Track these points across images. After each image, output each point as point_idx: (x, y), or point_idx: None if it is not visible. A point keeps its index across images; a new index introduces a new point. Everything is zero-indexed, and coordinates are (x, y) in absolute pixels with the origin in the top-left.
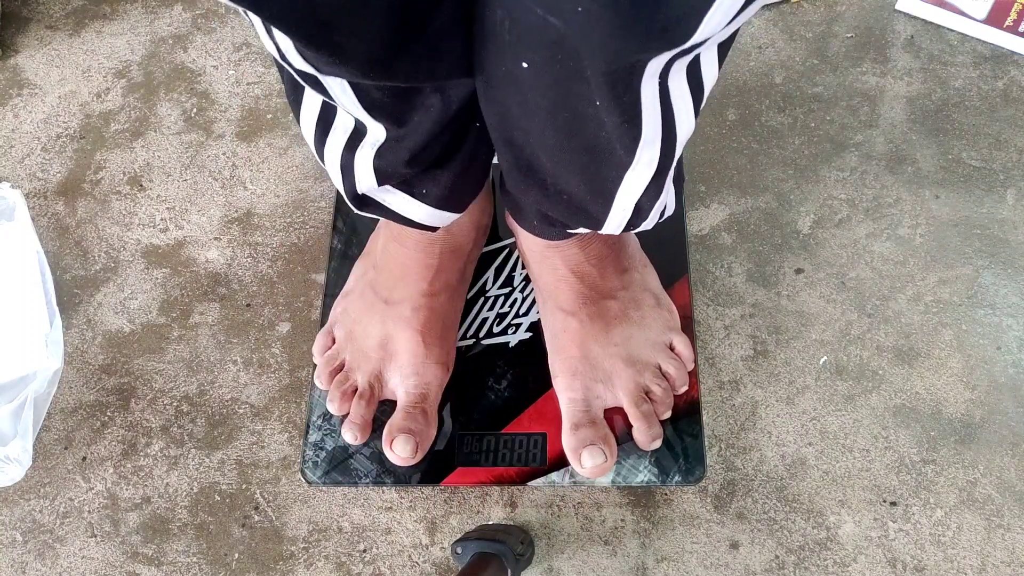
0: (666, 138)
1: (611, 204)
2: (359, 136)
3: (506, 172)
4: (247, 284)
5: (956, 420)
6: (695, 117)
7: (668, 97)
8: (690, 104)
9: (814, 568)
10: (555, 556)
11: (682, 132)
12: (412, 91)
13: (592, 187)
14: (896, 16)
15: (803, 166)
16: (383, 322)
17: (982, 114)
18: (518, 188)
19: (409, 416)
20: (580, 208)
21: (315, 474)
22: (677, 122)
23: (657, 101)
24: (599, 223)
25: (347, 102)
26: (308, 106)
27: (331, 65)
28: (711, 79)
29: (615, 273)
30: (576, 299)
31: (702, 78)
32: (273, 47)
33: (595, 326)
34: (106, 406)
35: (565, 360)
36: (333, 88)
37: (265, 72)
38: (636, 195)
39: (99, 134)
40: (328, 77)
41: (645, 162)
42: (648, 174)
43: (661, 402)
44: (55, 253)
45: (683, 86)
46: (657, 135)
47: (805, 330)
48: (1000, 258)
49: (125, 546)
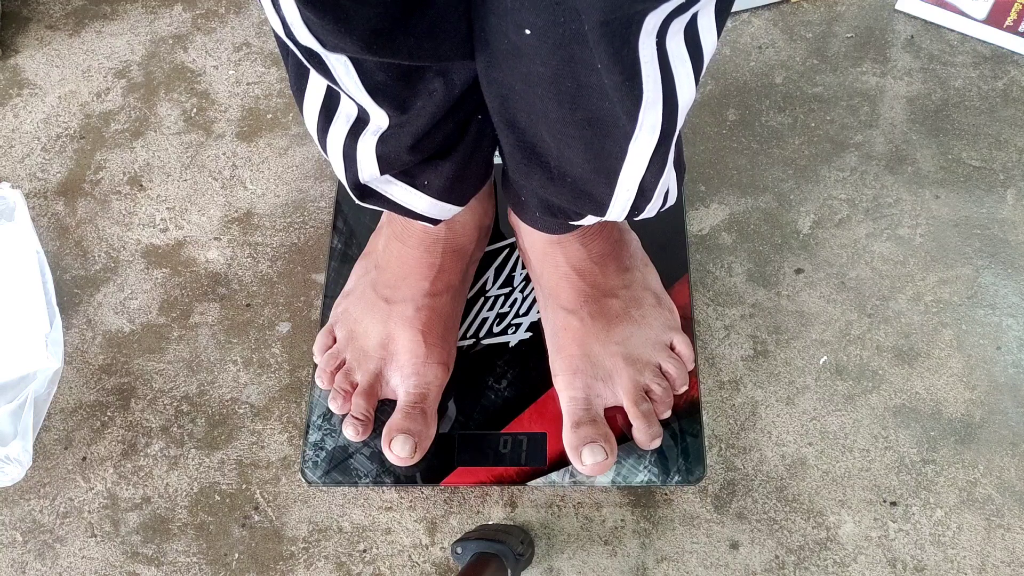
0: (667, 102)
1: (615, 183)
2: (362, 124)
3: (508, 157)
4: (247, 284)
5: (956, 420)
6: (695, 84)
7: (667, 58)
8: (690, 69)
9: (814, 568)
10: (555, 556)
11: (683, 97)
12: (415, 74)
13: (596, 164)
14: (896, 16)
15: (803, 166)
16: (384, 322)
17: (982, 114)
18: (520, 173)
19: (408, 416)
20: (583, 192)
21: (315, 474)
22: (677, 86)
23: (656, 61)
24: (603, 207)
25: (350, 85)
26: (312, 94)
27: (336, 35)
28: (710, 46)
29: (616, 271)
30: (577, 297)
31: (701, 43)
32: (279, 21)
33: (596, 324)
34: (106, 406)
35: (566, 358)
36: (337, 69)
37: (265, 72)
38: (640, 171)
39: (99, 134)
40: (332, 54)
41: (648, 128)
42: (651, 142)
43: (661, 401)
44: (55, 253)
45: (681, 49)
46: (658, 97)
47: (805, 330)
48: (1000, 258)
49: (125, 546)
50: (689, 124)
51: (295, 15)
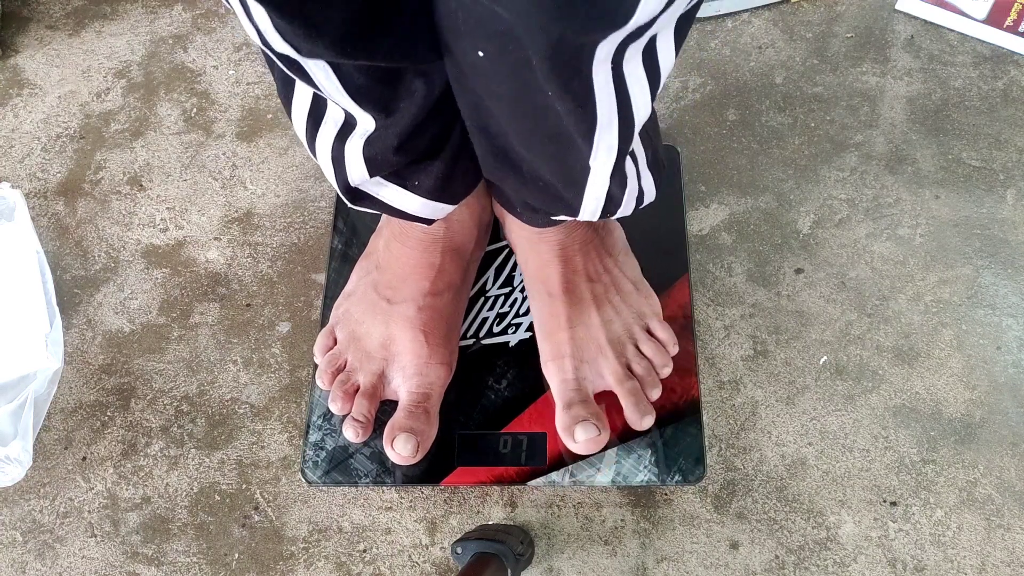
0: (623, 122)
1: (583, 192)
2: (349, 128)
3: (482, 161)
4: (247, 284)
5: (956, 420)
6: (652, 101)
7: (623, 82)
8: (647, 88)
9: (814, 568)
10: (555, 556)
11: (639, 115)
12: (395, 76)
13: (562, 175)
14: (896, 16)
15: (803, 166)
16: (386, 322)
17: (982, 114)
18: (495, 176)
19: (411, 415)
20: (555, 196)
21: (315, 474)
22: (634, 106)
23: (611, 86)
24: (575, 210)
25: (332, 90)
26: (299, 101)
27: (308, 40)
28: (668, 64)
29: (598, 258)
30: (560, 282)
31: (659, 62)
32: (253, 30)
33: (578, 308)
34: (106, 406)
35: (554, 344)
36: (317, 75)
37: (265, 72)
38: (604, 183)
39: (99, 134)
40: (309, 60)
41: (604, 149)
42: (610, 161)
43: (646, 380)
44: (55, 253)
45: (639, 70)
46: (613, 120)
47: (805, 330)
48: (1000, 258)
49: (125, 546)
50: (689, 124)
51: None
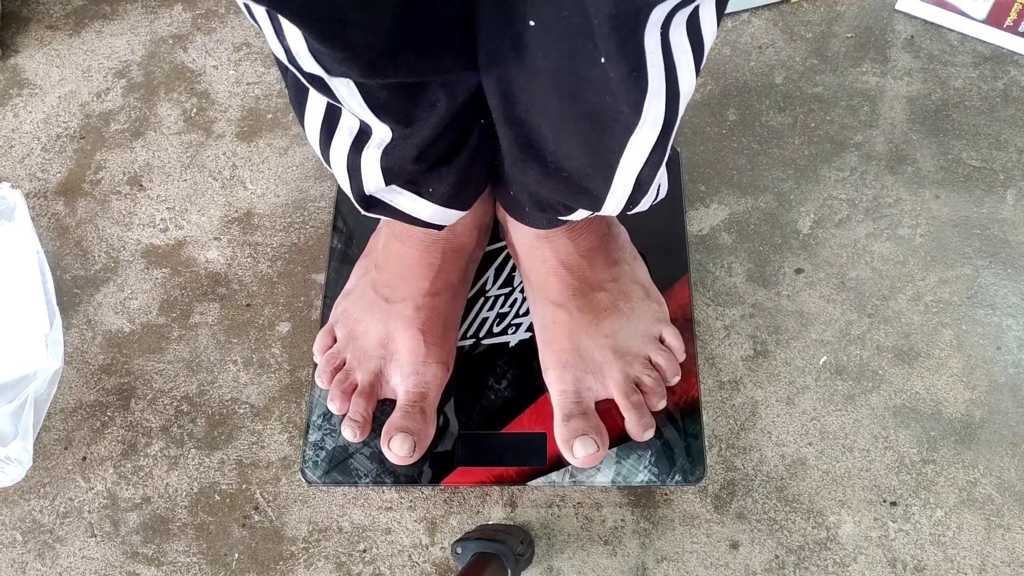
0: (670, 92)
1: (612, 178)
2: (365, 137)
3: (506, 153)
4: (247, 284)
5: (956, 420)
6: (696, 75)
7: (670, 49)
8: (691, 59)
9: (814, 568)
10: (555, 556)
11: (684, 87)
12: (417, 89)
13: (593, 159)
14: (896, 16)
15: (803, 166)
16: (384, 321)
17: (982, 114)
18: (517, 168)
19: (407, 415)
20: (579, 186)
21: (315, 474)
22: (679, 76)
23: (660, 53)
24: (599, 202)
25: (353, 104)
26: (312, 109)
27: (342, 63)
28: (710, 35)
29: (604, 265)
30: (565, 291)
31: (702, 33)
32: (282, 51)
33: (585, 318)
34: (106, 406)
35: (555, 352)
36: (340, 91)
37: (265, 72)
38: (639, 164)
39: (99, 134)
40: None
41: (651, 120)
42: (653, 135)
43: (652, 392)
44: (55, 253)
45: (684, 40)
46: (662, 88)
47: (805, 330)
48: (1000, 258)
49: (125, 546)
50: (689, 124)
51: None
